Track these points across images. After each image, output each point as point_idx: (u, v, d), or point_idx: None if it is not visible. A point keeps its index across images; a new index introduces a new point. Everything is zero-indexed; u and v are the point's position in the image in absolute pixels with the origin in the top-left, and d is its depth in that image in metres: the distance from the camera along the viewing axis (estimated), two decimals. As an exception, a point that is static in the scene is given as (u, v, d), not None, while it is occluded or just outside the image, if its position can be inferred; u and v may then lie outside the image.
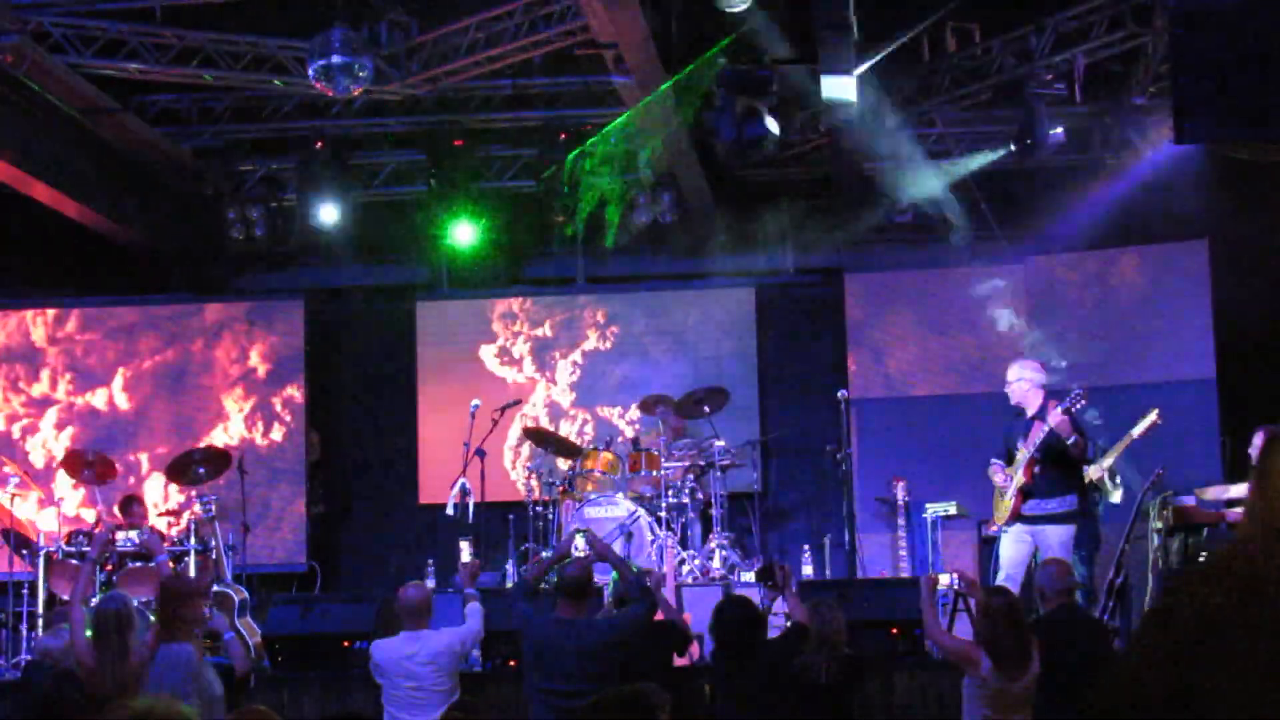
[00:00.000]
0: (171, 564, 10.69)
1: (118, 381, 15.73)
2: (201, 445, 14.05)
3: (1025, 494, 11.16)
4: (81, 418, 15.76)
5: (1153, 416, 11.52)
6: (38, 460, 15.57)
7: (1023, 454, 11.16)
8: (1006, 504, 11.27)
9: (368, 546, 16.09)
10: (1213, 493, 11.88)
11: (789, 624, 9.14)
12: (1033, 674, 7.95)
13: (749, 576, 12.09)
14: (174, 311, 15.98)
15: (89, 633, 8.15)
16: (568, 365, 16.21)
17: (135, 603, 11.02)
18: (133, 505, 13.05)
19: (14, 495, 13.06)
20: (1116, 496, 12.08)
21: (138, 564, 12.03)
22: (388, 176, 15.97)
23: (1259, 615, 2.51)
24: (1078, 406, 11.09)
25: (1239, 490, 11.75)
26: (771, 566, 9.66)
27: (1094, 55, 13.44)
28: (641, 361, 16.05)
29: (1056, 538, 11.04)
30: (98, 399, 15.74)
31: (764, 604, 9.96)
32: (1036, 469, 11.13)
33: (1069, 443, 10.94)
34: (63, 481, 13.84)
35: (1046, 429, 10.98)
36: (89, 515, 14.45)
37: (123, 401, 15.79)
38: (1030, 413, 11.38)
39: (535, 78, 14.25)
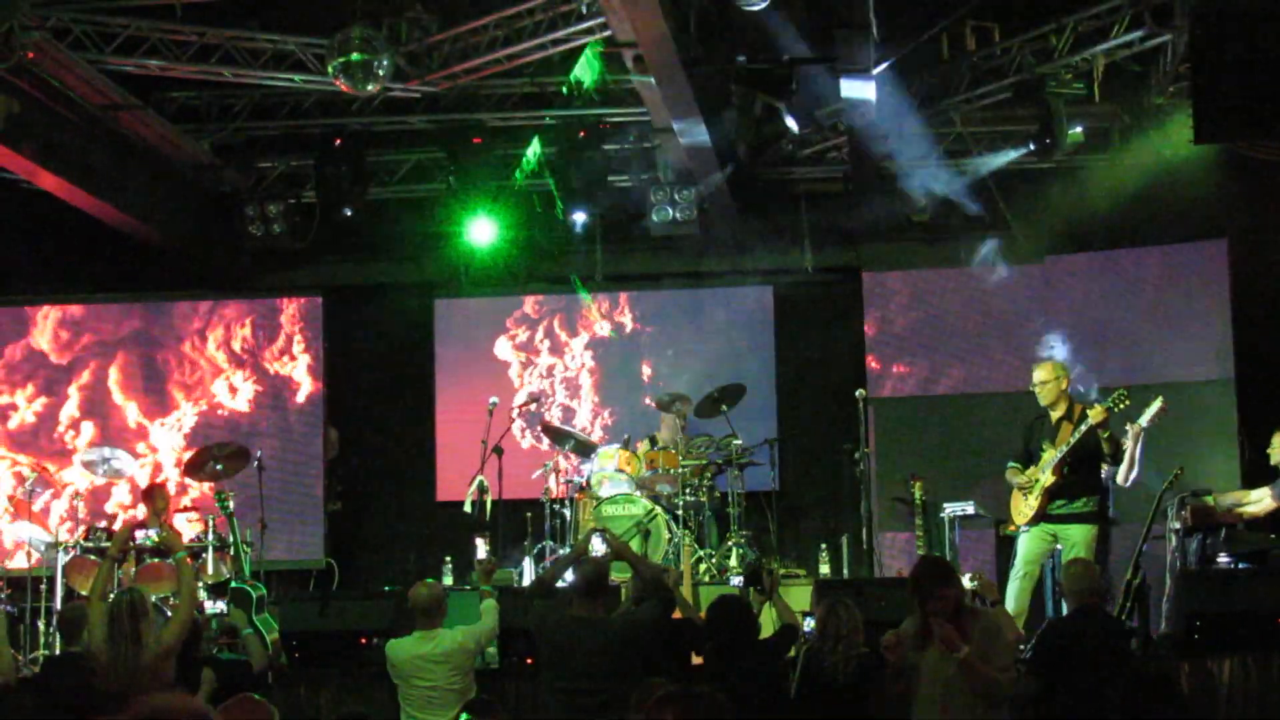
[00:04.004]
0: (190, 559, 10.69)
1: (134, 377, 15.74)
2: (219, 442, 14.06)
3: (1052, 494, 11.22)
4: (98, 413, 15.78)
5: (1158, 404, 11.44)
6: (58, 456, 15.60)
7: (1051, 454, 11.23)
8: (1030, 503, 11.30)
9: (385, 544, 16.10)
10: (1229, 500, 11.85)
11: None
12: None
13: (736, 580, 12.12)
14: (193, 308, 15.99)
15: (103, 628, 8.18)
16: (585, 363, 16.22)
17: (153, 599, 11.12)
18: (155, 494, 13.08)
19: (32, 491, 13.10)
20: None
21: (155, 560, 12.06)
22: (406, 174, 15.99)
23: None
24: (1121, 406, 11.17)
25: (1258, 494, 11.73)
26: (759, 570, 9.67)
27: (1113, 55, 13.39)
28: (659, 360, 16.06)
29: (1081, 537, 11.14)
30: (115, 395, 15.76)
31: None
32: (1066, 469, 11.19)
33: (1105, 438, 11.05)
34: (82, 476, 13.87)
35: (1082, 430, 11.06)
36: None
37: (140, 397, 15.81)
38: (1057, 414, 11.42)
39: (554, 76, 14.27)
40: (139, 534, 12.26)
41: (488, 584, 9.84)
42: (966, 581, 10.97)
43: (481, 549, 13.09)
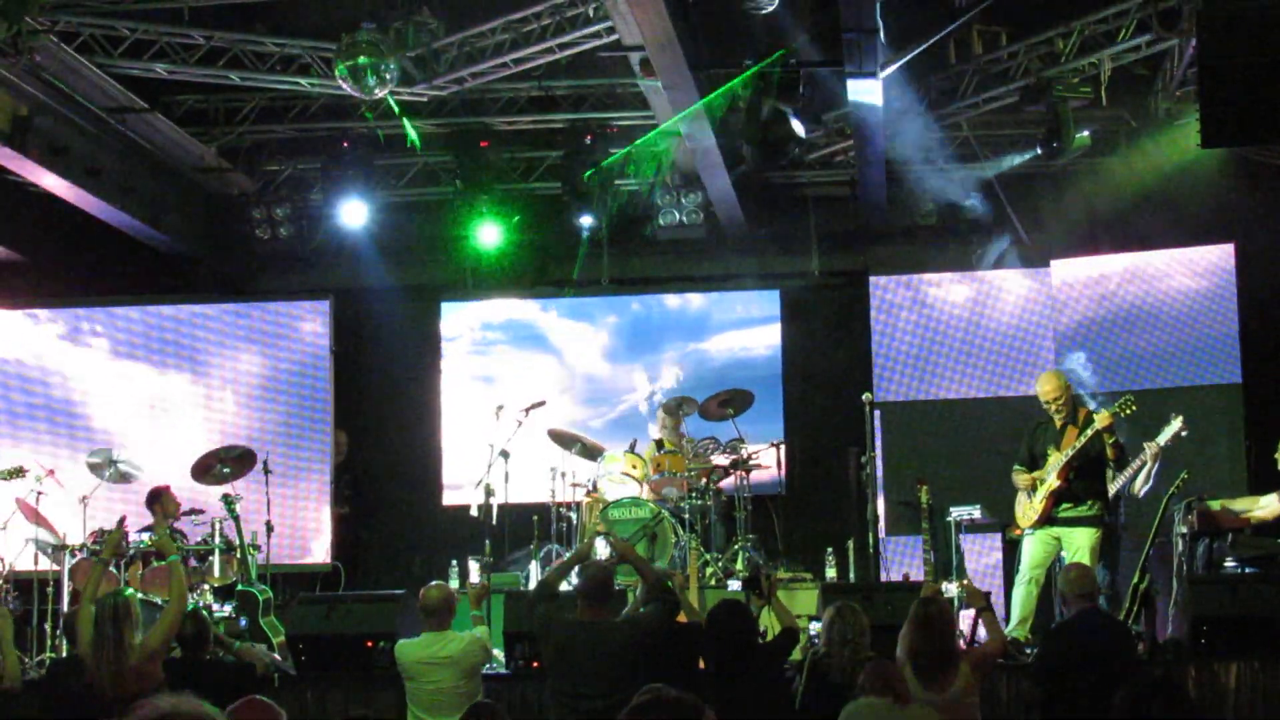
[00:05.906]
0: (183, 563, 10.72)
1: (141, 381, 15.74)
2: (226, 445, 14.05)
3: (1057, 497, 11.26)
4: (104, 417, 15.77)
5: (1178, 424, 11.48)
6: (62, 459, 15.59)
7: (1057, 458, 11.26)
8: (1035, 507, 11.33)
9: (392, 547, 16.11)
10: (1239, 505, 11.82)
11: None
12: (958, 688, 7.85)
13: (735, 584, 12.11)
14: (200, 311, 15.97)
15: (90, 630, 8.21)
16: (592, 366, 16.22)
17: (158, 600, 11.12)
18: (160, 498, 13.07)
19: (39, 494, 13.10)
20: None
21: (161, 564, 12.06)
22: (413, 177, 16.01)
23: None
24: (1128, 412, 11.20)
25: (1266, 500, 11.69)
26: (758, 575, 9.65)
27: (1120, 59, 13.40)
28: (665, 363, 16.06)
29: (1084, 540, 11.19)
30: (121, 398, 15.74)
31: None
32: (1071, 474, 11.23)
33: (1110, 444, 11.08)
34: (88, 480, 13.84)
35: (1088, 434, 11.12)
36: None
37: (147, 401, 15.79)
38: (1061, 419, 11.46)
39: (561, 80, 14.28)
40: (138, 537, 12.28)
41: (479, 609, 9.77)
42: (953, 588, 11.03)
43: (475, 572, 13.05)
